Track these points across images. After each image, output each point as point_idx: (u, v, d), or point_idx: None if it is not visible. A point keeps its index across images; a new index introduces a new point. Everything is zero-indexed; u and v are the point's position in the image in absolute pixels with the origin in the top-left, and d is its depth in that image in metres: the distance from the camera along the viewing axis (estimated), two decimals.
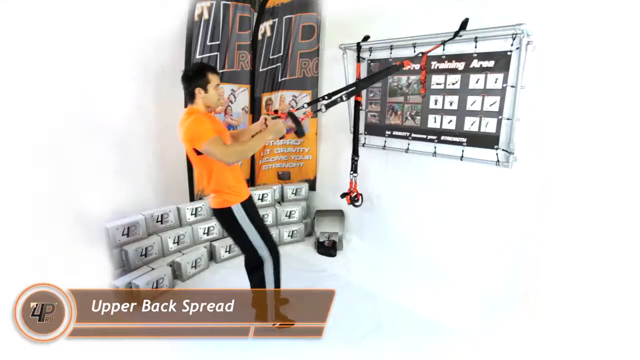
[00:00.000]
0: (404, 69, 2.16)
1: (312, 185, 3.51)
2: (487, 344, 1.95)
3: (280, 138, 1.81)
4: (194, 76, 1.76)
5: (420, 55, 2.15)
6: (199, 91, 1.76)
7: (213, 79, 1.78)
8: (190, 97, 1.79)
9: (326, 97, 2.17)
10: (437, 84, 2.45)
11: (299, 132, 1.86)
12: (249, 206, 1.92)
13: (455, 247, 2.55)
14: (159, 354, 1.89)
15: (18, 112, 1.61)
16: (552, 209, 2.08)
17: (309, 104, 2.32)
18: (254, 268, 2.01)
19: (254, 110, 3.23)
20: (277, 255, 2.00)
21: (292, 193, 3.37)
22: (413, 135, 2.66)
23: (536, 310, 2.08)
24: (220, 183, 1.82)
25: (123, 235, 2.42)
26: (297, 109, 2.20)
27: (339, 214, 3.25)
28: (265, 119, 1.99)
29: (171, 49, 2.69)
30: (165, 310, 2.25)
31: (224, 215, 1.89)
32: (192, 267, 2.65)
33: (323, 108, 1.87)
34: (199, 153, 1.69)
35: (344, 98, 2.00)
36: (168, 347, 1.94)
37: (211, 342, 1.98)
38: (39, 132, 1.73)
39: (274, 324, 2.06)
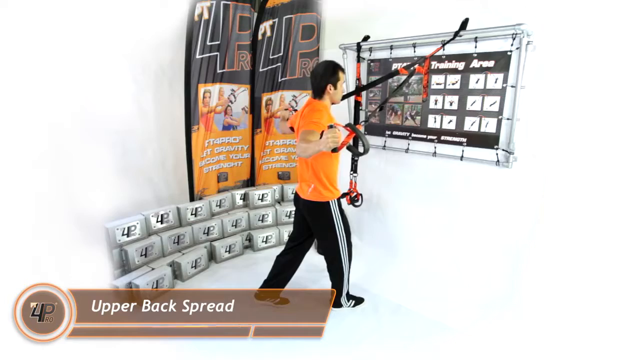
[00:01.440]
0: (422, 71, 2.22)
1: None
2: (487, 344, 1.95)
3: (333, 151, 1.63)
4: (328, 73, 1.85)
5: (423, 59, 2.16)
6: (330, 87, 1.86)
7: (342, 77, 1.91)
8: (319, 93, 1.89)
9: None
10: (437, 84, 2.45)
11: (363, 148, 1.62)
12: (340, 204, 2.01)
13: (455, 247, 2.55)
14: (159, 354, 1.89)
15: (18, 112, 1.61)
16: (552, 209, 2.08)
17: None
18: (331, 263, 2.13)
19: (254, 110, 3.24)
20: (351, 252, 2.12)
21: (292, 193, 3.36)
22: (413, 135, 2.66)
23: (536, 310, 2.08)
24: (325, 176, 1.89)
25: (123, 235, 2.42)
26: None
27: None
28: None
29: (171, 49, 2.69)
30: (166, 310, 2.26)
31: (320, 209, 1.95)
32: (192, 267, 2.65)
33: (365, 119, 2.03)
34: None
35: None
36: (168, 347, 1.94)
37: (211, 342, 1.98)
38: (39, 132, 1.73)
39: (349, 305, 2.28)
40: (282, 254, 2.25)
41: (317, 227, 2.07)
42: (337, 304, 2.24)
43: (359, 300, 2.32)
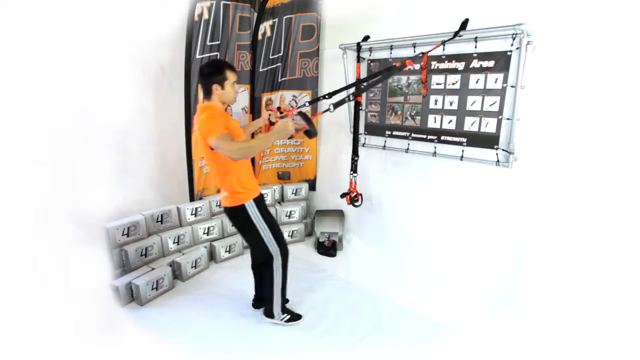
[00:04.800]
0: (406, 69, 2.16)
1: (312, 185, 3.52)
2: (487, 344, 1.95)
3: (289, 138, 1.74)
4: (212, 73, 1.78)
5: (420, 55, 2.15)
6: (216, 87, 1.78)
7: (230, 76, 1.81)
8: (207, 93, 1.82)
9: (327, 96, 2.17)
10: (437, 84, 2.45)
11: (311, 132, 1.76)
12: (260, 203, 1.94)
13: (455, 247, 2.55)
14: (159, 354, 1.89)
15: (18, 112, 1.61)
16: (551, 209, 2.08)
17: (310, 102, 2.31)
18: (263, 265, 2.02)
19: (254, 110, 3.24)
20: (286, 252, 2.02)
21: (292, 193, 3.37)
22: (413, 135, 2.66)
23: (536, 310, 2.08)
24: (233, 181, 1.84)
25: (123, 235, 2.42)
26: (299, 107, 2.18)
27: (339, 214, 3.25)
28: (270, 115, 1.99)
29: (171, 49, 2.69)
30: (166, 310, 2.26)
31: (236, 213, 1.90)
32: (192, 267, 2.65)
33: (331, 107, 1.84)
34: (212, 149, 1.71)
35: (351, 98, 1.99)
36: (168, 347, 1.94)
37: (211, 342, 1.98)
38: (39, 132, 1.73)
39: (281, 319, 2.11)
40: (252, 266, 2.23)
41: (240, 231, 2.05)
42: (269, 314, 2.11)
43: (294, 317, 2.15)
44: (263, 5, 3.00)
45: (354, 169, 2.79)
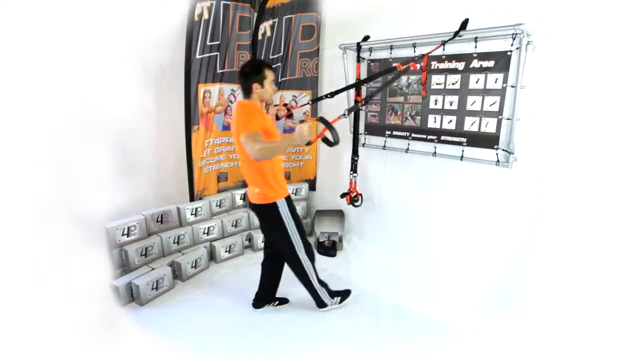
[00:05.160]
0: (410, 69, 2.19)
1: (312, 185, 3.51)
2: (487, 344, 1.95)
3: (307, 144, 1.76)
4: (252, 72, 1.84)
5: (420, 56, 2.15)
6: (256, 86, 1.84)
7: (269, 74, 1.88)
8: (246, 92, 1.88)
9: (329, 96, 2.18)
10: (437, 84, 2.45)
11: (334, 139, 1.75)
12: (290, 202, 1.97)
13: (455, 247, 2.55)
14: (159, 354, 1.89)
15: (18, 112, 1.61)
16: (552, 209, 2.08)
17: (312, 100, 2.31)
18: (290, 263, 2.07)
19: None
20: (310, 248, 2.07)
21: (292, 193, 3.37)
22: (413, 135, 2.66)
23: (536, 310, 2.08)
24: (269, 178, 1.87)
25: (123, 235, 2.42)
26: (302, 106, 2.18)
27: (339, 214, 3.25)
28: (277, 111, 1.99)
29: (171, 49, 2.69)
30: (166, 310, 2.26)
31: (267, 211, 1.92)
32: (192, 267, 2.65)
33: (346, 113, 1.94)
34: None
35: (361, 107, 2.05)
36: (168, 347, 1.94)
37: (211, 342, 1.98)
38: (39, 132, 1.73)
39: (334, 303, 2.21)
40: (262, 263, 2.24)
41: (269, 229, 2.06)
42: (321, 304, 2.20)
43: (344, 295, 2.27)
44: (263, 5, 3.00)
45: (354, 169, 2.79)
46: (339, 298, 2.25)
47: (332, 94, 2.19)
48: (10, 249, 1.42)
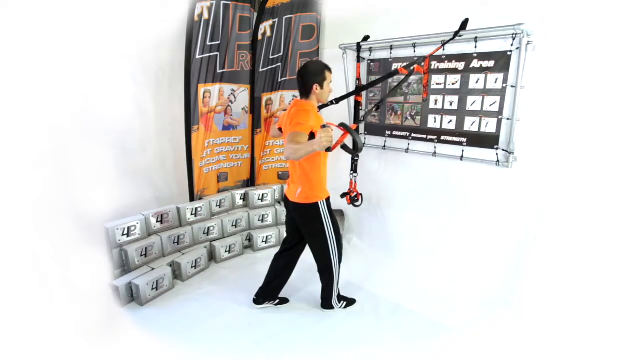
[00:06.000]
0: (415, 72, 2.21)
1: None
2: (487, 344, 1.95)
3: (327, 150, 1.73)
4: (315, 73, 1.86)
5: (422, 58, 2.16)
6: (316, 87, 1.86)
7: (329, 76, 1.91)
8: (306, 92, 1.90)
9: (334, 102, 2.19)
10: (437, 84, 2.45)
11: (358, 146, 1.73)
12: (329, 204, 2.00)
13: (455, 247, 2.55)
14: (159, 354, 1.89)
15: (19, 112, 1.61)
16: (552, 209, 2.08)
17: (319, 107, 2.30)
18: (322, 265, 2.10)
19: (254, 110, 3.24)
20: (341, 253, 2.10)
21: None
22: (413, 135, 2.66)
23: (536, 310, 2.09)
24: (313, 177, 1.88)
25: (123, 235, 2.42)
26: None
27: (339, 214, 3.25)
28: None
29: (171, 49, 2.69)
30: (166, 310, 2.26)
31: (308, 210, 1.94)
32: (192, 267, 2.65)
33: (363, 116, 2.01)
34: None
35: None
36: (168, 347, 1.94)
37: (211, 342, 1.98)
38: (39, 132, 1.73)
39: (340, 306, 2.27)
40: (277, 258, 2.23)
41: (306, 228, 2.06)
42: (328, 306, 2.23)
43: (350, 302, 2.30)
44: (263, 5, 3.00)
45: (354, 169, 2.79)
46: (345, 303, 2.28)
47: (337, 100, 2.20)
48: (11, 249, 1.42)
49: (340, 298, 2.27)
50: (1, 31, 1.59)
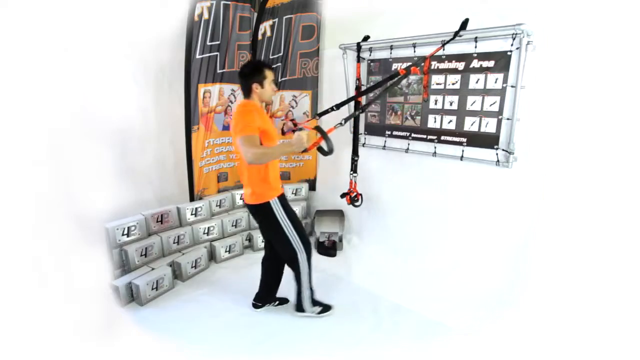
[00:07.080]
0: (411, 75, 2.20)
1: (312, 185, 3.51)
2: (487, 344, 1.95)
3: (303, 151, 1.82)
4: (252, 72, 1.85)
5: (422, 59, 2.16)
6: (256, 86, 1.85)
7: (269, 75, 1.89)
8: (246, 92, 1.89)
9: (335, 108, 2.19)
10: (437, 84, 2.45)
11: (328, 148, 1.82)
12: (284, 201, 1.97)
13: (455, 247, 2.55)
14: (159, 354, 1.89)
15: (19, 112, 1.61)
16: (552, 209, 2.08)
17: (319, 114, 2.32)
18: (288, 262, 2.07)
19: None
20: (309, 247, 2.05)
21: (292, 193, 3.37)
22: (413, 135, 2.66)
23: (536, 310, 2.08)
24: (260, 178, 1.87)
25: (123, 235, 2.42)
26: (308, 121, 2.22)
27: (339, 214, 3.25)
28: (284, 125, 2.01)
29: (171, 49, 2.69)
30: (166, 310, 2.26)
31: (261, 210, 1.93)
32: (192, 267, 2.65)
33: (342, 122, 1.96)
34: None
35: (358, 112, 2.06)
36: (168, 347, 1.94)
37: (211, 342, 1.98)
38: (39, 132, 1.73)
39: (313, 312, 2.17)
40: (263, 262, 2.25)
41: (263, 226, 2.06)
42: (300, 308, 2.16)
43: (325, 308, 2.20)
44: (263, 5, 3.00)
45: (354, 169, 2.79)
46: (320, 308, 2.18)
47: (338, 106, 2.20)
48: (11, 249, 1.42)
49: (315, 302, 2.18)
50: (1, 31, 1.59)
